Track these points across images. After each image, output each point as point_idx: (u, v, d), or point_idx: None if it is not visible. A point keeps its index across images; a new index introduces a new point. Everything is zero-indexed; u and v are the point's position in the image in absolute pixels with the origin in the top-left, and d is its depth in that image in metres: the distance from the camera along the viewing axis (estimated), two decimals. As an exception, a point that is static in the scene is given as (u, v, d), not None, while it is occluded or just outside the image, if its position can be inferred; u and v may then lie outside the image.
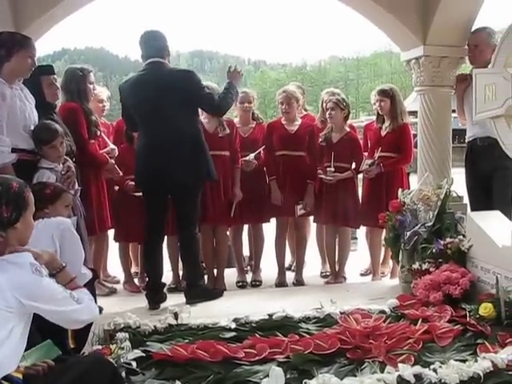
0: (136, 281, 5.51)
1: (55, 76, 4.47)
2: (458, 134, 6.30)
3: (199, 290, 4.61)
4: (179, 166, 4.44)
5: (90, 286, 3.37)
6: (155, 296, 4.53)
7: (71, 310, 2.40)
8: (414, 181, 5.55)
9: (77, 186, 4.18)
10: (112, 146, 5.16)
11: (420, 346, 3.32)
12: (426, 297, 3.97)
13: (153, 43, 4.55)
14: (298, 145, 5.36)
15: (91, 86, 4.97)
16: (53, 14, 4.70)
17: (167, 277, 5.12)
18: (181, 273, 5.43)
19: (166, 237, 4.97)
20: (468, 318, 3.59)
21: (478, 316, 3.57)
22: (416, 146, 5.52)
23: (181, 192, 4.55)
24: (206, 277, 5.06)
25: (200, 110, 4.87)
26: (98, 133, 4.92)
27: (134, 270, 5.71)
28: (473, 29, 5.16)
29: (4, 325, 2.19)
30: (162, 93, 4.39)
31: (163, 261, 4.76)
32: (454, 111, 5.48)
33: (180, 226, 4.69)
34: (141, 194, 4.87)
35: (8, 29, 4.23)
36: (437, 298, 3.89)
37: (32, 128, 3.92)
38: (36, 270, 2.31)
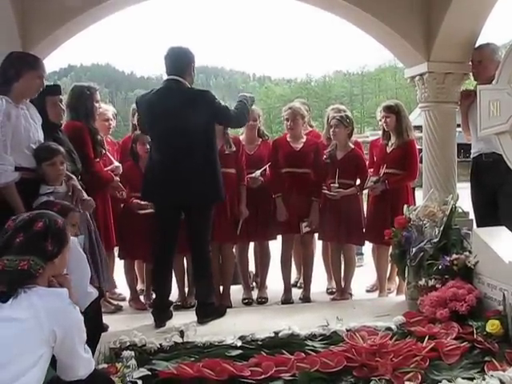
0: (141, 298, 5.50)
1: (61, 97, 4.47)
2: (464, 148, 6.30)
3: (211, 308, 4.58)
4: (195, 184, 4.42)
5: (96, 304, 3.38)
6: (161, 314, 4.51)
7: (81, 357, 2.41)
8: (420, 195, 5.54)
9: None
10: (117, 163, 5.19)
11: (427, 363, 3.30)
12: (432, 313, 3.94)
13: (174, 61, 4.53)
14: (303, 162, 5.37)
15: (97, 105, 4.99)
16: (59, 34, 4.75)
17: (173, 293, 5.11)
18: (186, 290, 5.43)
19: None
20: (475, 335, 3.56)
21: (485, 333, 3.54)
22: (421, 161, 5.52)
23: (196, 210, 4.54)
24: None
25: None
26: (103, 152, 4.95)
27: (139, 287, 5.71)
28: (476, 45, 5.18)
29: (35, 350, 2.21)
30: (177, 110, 4.38)
31: (172, 280, 4.74)
32: (459, 125, 5.49)
33: (193, 244, 4.65)
34: (145, 211, 4.87)
35: (16, 48, 4.27)
36: (443, 314, 3.86)
37: (35, 147, 3.93)
38: (71, 303, 2.36)
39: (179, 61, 4.54)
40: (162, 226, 4.61)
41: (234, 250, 5.56)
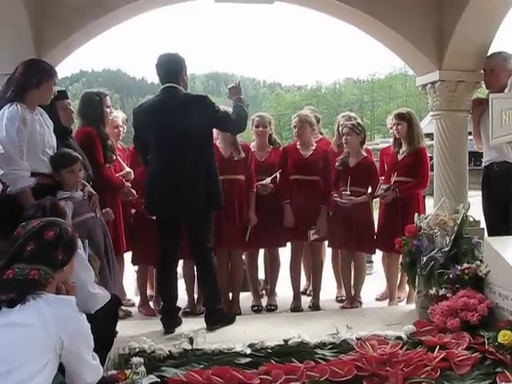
0: (151, 304, 5.50)
1: (69, 100, 4.55)
2: (474, 156, 6.27)
3: (219, 315, 4.58)
4: (192, 193, 4.43)
5: (113, 310, 3.38)
6: (170, 320, 4.51)
7: (89, 364, 2.42)
8: (431, 204, 5.51)
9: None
10: (128, 169, 5.20)
11: (438, 373, 3.30)
12: (443, 323, 3.92)
13: (167, 67, 4.54)
14: (312, 169, 5.38)
15: (108, 110, 5.02)
16: (72, 40, 4.76)
17: (182, 300, 5.11)
18: (195, 296, 5.42)
19: (182, 260, 4.98)
20: (486, 346, 3.54)
21: (496, 343, 3.52)
22: (432, 169, 5.50)
23: (194, 219, 4.55)
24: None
25: (215, 135, 4.90)
26: (114, 157, 4.96)
27: (149, 293, 5.69)
28: (489, 53, 5.16)
29: (41, 356, 2.22)
30: (176, 119, 4.37)
31: (177, 285, 4.74)
32: (470, 133, 5.46)
33: (195, 252, 4.67)
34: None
35: (30, 54, 4.31)
36: (454, 324, 3.84)
37: (51, 152, 3.97)
38: (79, 311, 2.39)
39: (171, 67, 4.55)
40: (162, 235, 4.62)
41: (243, 256, 5.55)
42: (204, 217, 4.58)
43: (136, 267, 5.51)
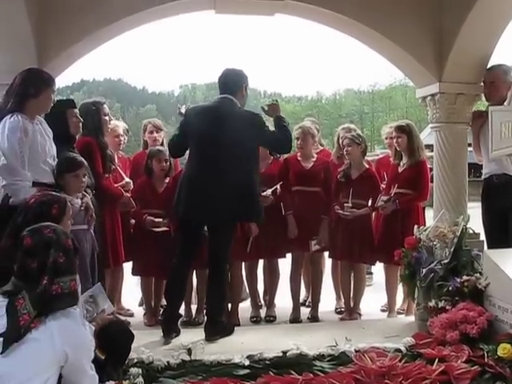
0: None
1: (76, 110, 4.57)
2: (474, 167, 6.28)
3: (220, 326, 4.55)
4: (226, 203, 4.42)
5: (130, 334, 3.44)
6: (171, 326, 4.49)
7: (87, 374, 2.43)
8: (430, 215, 5.52)
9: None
10: (127, 179, 5.19)
11: (437, 387, 3.27)
12: (442, 335, 3.90)
13: (227, 81, 4.68)
14: (314, 181, 5.38)
15: (106, 118, 5.02)
16: (74, 51, 4.77)
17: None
18: (193, 307, 5.40)
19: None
20: (486, 359, 3.52)
21: (496, 357, 3.50)
22: (432, 181, 5.50)
23: (221, 228, 4.58)
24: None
25: None
26: (113, 167, 4.96)
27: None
28: (488, 66, 5.17)
29: (45, 370, 2.23)
30: (224, 129, 4.42)
31: (185, 294, 4.78)
32: (469, 145, 5.47)
33: (212, 261, 4.63)
34: (159, 229, 4.90)
35: (33, 64, 4.34)
36: (453, 337, 3.82)
37: (51, 161, 3.99)
38: (83, 324, 2.43)
39: (230, 81, 4.68)
40: (183, 241, 4.62)
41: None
42: (230, 228, 4.64)
43: (140, 278, 5.49)
